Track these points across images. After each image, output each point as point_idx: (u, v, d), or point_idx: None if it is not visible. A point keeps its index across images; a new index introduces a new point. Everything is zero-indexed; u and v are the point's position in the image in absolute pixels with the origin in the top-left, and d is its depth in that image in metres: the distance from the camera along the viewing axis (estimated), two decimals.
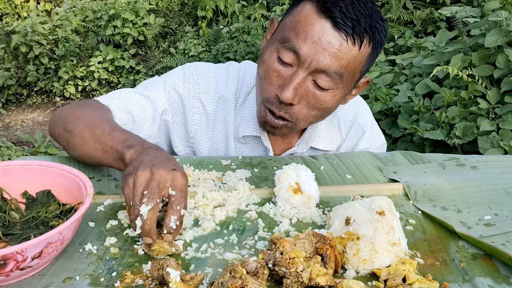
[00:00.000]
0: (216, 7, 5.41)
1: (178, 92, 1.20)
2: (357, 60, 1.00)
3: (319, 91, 1.02)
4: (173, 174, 0.79)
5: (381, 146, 1.33)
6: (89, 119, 1.00)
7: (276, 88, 1.03)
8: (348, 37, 0.96)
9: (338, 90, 1.03)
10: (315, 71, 0.99)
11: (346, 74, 1.00)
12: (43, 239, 0.65)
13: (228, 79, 1.24)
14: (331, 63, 0.97)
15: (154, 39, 5.66)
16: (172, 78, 1.21)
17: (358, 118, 1.29)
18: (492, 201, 0.92)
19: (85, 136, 0.96)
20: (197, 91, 1.22)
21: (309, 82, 1.01)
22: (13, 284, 0.70)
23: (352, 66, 1.00)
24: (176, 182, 0.79)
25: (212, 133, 1.24)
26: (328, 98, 1.03)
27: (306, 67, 0.99)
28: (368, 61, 1.04)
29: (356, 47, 0.97)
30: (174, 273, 0.65)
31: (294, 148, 1.24)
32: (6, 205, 0.81)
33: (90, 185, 0.78)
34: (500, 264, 0.75)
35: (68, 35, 5.36)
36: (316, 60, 0.97)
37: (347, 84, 1.04)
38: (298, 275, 0.66)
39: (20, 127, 5.14)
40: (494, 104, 2.56)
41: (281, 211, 0.90)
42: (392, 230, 0.73)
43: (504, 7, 2.90)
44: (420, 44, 3.90)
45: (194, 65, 1.26)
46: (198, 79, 1.22)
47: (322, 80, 1.00)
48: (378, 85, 3.14)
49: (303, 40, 0.97)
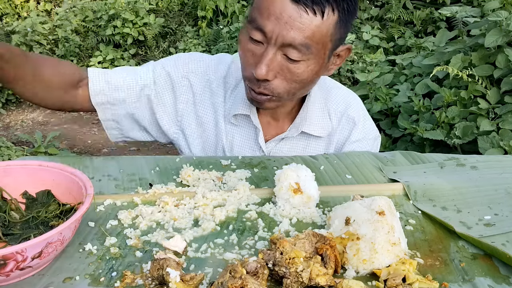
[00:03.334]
0: (216, 7, 5.41)
1: (166, 70, 1.27)
2: (322, 30, 1.02)
3: (292, 64, 1.05)
4: None
5: (374, 138, 1.34)
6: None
7: (253, 67, 1.07)
8: (307, 8, 0.99)
9: (311, 61, 1.06)
10: (283, 45, 1.02)
11: (313, 44, 1.03)
12: (43, 239, 0.65)
13: (218, 66, 1.31)
14: (295, 35, 1.00)
15: (154, 39, 5.66)
16: (164, 60, 1.30)
17: (349, 110, 1.31)
18: (492, 201, 0.92)
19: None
20: (186, 70, 1.28)
21: (279, 57, 1.04)
22: (13, 284, 0.70)
23: (318, 35, 1.02)
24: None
25: (199, 114, 1.30)
26: (302, 69, 1.06)
27: (274, 43, 1.02)
28: (338, 29, 1.05)
29: (318, 17, 1.00)
30: (174, 273, 0.65)
31: (285, 133, 1.27)
32: (6, 205, 0.81)
33: (90, 185, 0.78)
34: (500, 264, 0.75)
35: (68, 35, 5.36)
36: (281, 35, 1.01)
37: (318, 54, 1.06)
38: (298, 275, 0.66)
39: (20, 127, 5.14)
40: (494, 104, 2.56)
41: (281, 211, 0.90)
42: (392, 230, 0.73)
43: (504, 7, 2.90)
44: (420, 44, 3.90)
45: (188, 53, 1.34)
46: (189, 61, 1.29)
47: (291, 52, 1.03)
48: (378, 85, 3.14)
49: (267, 18, 1.01)
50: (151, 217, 0.87)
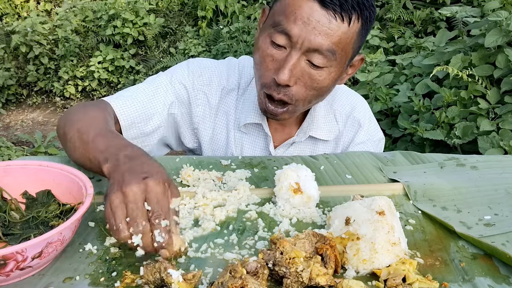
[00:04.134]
0: (216, 7, 5.41)
1: (183, 85, 1.24)
2: (348, 37, 1.02)
3: (315, 70, 1.04)
4: (144, 186, 0.72)
5: (379, 140, 1.35)
6: (83, 122, 0.97)
7: (273, 72, 1.05)
8: (336, 14, 0.99)
9: (333, 68, 1.06)
10: (308, 51, 1.01)
11: (338, 51, 1.03)
12: (43, 239, 0.65)
13: (229, 72, 1.29)
14: (323, 41, 1.00)
15: (154, 39, 5.66)
16: (178, 72, 1.26)
17: (354, 112, 1.31)
18: (492, 201, 0.92)
19: (75, 142, 0.94)
20: (201, 83, 1.26)
21: (303, 62, 1.03)
22: (13, 284, 0.70)
23: (343, 42, 1.02)
24: (150, 194, 0.72)
25: (214, 124, 1.28)
26: (324, 76, 1.05)
27: (299, 48, 1.01)
28: (359, 38, 1.06)
29: (345, 23, 1.00)
30: (176, 273, 0.65)
31: (293, 138, 1.26)
32: (6, 205, 0.81)
33: (90, 185, 0.78)
34: (500, 264, 0.75)
35: (68, 35, 5.36)
36: (307, 39, 1.00)
37: (341, 61, 1.06)
38: (298, 275, 0.66)
39: (20, 127, 5.14)
40: (494, 104, 2.56)
41: (281, 211, 0.90)
42: (392, 230, 0.73)
43: (504, 7, 2.90)
44: (420, 44, 3.90)
45: (197, 60, 1.31)
46: (202, 72, 1.27)
47: (316, 58, 1.02)
48: (378, 85, 3.14)
49: (293, 22, 1.00)
50: None
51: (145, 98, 1.19)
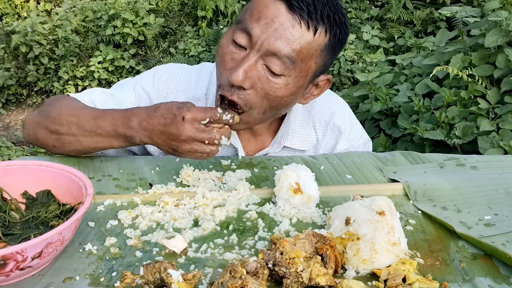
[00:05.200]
0: (216, 7, 5.41)
1: (147, 92, 1.21)
2: (311, 48, 0.98)
3: (271, 77, 0.98)
4: (183, 105, 0.94)
5: (364, 144, 1.29)
6: (69, 114, 1.05)
7: (228, 72, 1.00)
8: (302, 20, 0.95)
9: (291, 78, 1.00)
10: (267, 54, 0.97)
11: (298, 61, 0.98)
12: (43, 239, 0.65)
13: (198, 80, 1.24)
14: (282, 45, 0.95)
15: (154, 39, 5.66)
16: (143, 78, 1.24)
17: (334, 118, 1.25)
18: (492, 201, 0.92)
19: (74, 133, 1.04)
20: (166, 90, 1.22)
21: (260, 66, 0.98)
22: (13, 284, 0.70)
23: (305, 53, 0.98)
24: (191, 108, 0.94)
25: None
26: (280, 85, 1.00)
27: (258, 49, 0.97)
28: (325, 54, 1.01)
29: (310, 33, 0.96)
30: (176, 274, 0.65)
31: (267, 149, 1.21)
32: (6, 205, 0.81)
33: (90, 185, 0.78)
34: (500, 264, 0.75)
35: (68, 35, 5.35)
36: (267, 41, 0.95)
37: (300, 73, 1.01)
38: (298, 275, 0.66)
39: (20, 127, 5.14)
40: (494, 104, 2.56)
41: (281, 211, 0.90)
42: (392, 230, 0.73)
43: (504, 7, 2.90)
44: (420, 44, 3.90)
45: (166, 66, 1.27)
46: (168, 80, 1.23)
47: (273, 64, 0.97)
48: (378, 85, 3.14)
49: (256, 21, 0.96)
50: (151, 217, 0.87)
51: (105, 104, 1.17)
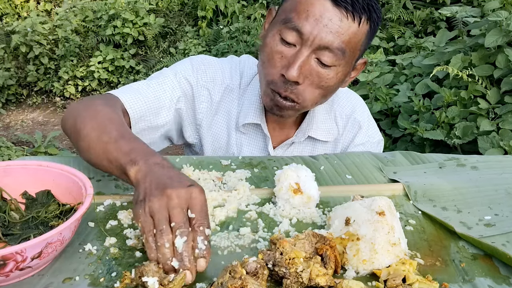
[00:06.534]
0: (216, 7, 5.41)
1: (188, 80, 1.24)
2: (357, 37, 1.04)
3: (323, 69, 1.05)
4: (190, 192, 0.71)
5: (378, 142, 1.35)
6: (98, 120, 0.93)
7: (281, 69, 1.06)
8: (348, 13, 1.00)
9: (341, 67, 1.07)
10: (318, 48, 1.02)
11: (347, 50, 1.04)
12: (42, 239, 0.65)
13: (232, 71, 1.29)
14: (334, 39, 1.01)
15: (154, 39, 5.66)
16: (182, 68, 1.25)
17: (355, 113, 1.32)
18: (492, 201, 0.92)
19: (91, 141, 0.90)
20: (205, 79, 1.25)
21: (312, 60, 1.04)
22: (12, 284, 0.69)
23: (353, 42, 1.04)
24: (195, 201, 0.71)
25: (214, 123, 1.28)
26: (332, 75, 1.06)
27: (310, 45, 1.02)
28: (367, 39, 1.08)
29: (355, 23, 1.02)
30: (152, 280, 0.64)
31: (292, 138, 1.26)
32: (6, 205, 0.81)
33: (90, 185, 0.78)
34: (500, 264, 0.75)
35: (68, 35, 5.36)
36: (319, 37, 1.01)
37: (348, 61, 1.07)
38: (298, 276, 0.66)
39: (20, 127, 5.14)
40: (494, 104, 2.56)
41: (281, 211, 0.90)
42: (392, 230, 0.73)
43: (504, 7, 2.90)
44: (420, 44, 3.90)
45: (200, 56, 1.30)
46: (206, 69, 1.26)
47: (325, 56, 1.03)
48: (378, 85, 3.14)
49: (305, 19, 1.01)
50: None
51: (153, 92, 1.18)
